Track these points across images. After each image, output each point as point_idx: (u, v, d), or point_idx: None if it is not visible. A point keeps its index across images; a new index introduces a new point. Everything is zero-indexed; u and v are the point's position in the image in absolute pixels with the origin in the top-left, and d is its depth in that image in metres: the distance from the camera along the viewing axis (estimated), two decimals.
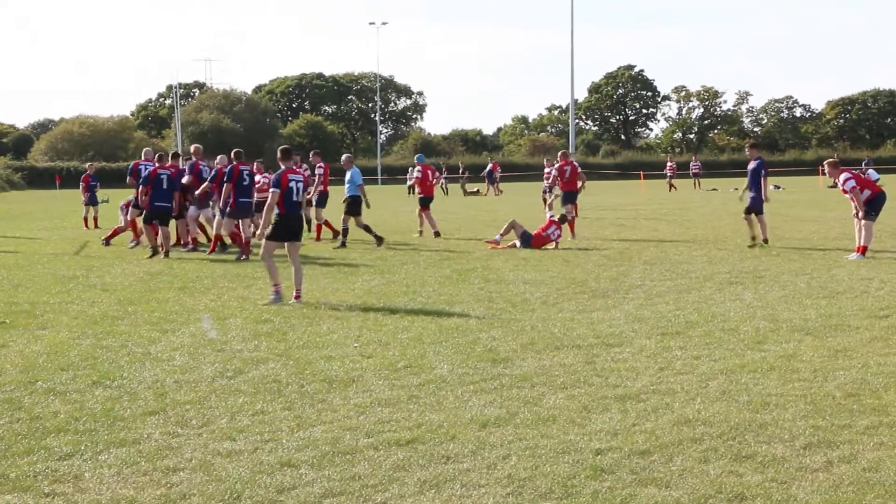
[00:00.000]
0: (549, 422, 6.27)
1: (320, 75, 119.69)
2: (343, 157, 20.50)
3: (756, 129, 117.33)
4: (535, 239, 18.10)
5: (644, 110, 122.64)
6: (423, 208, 21.80)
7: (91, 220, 26.18)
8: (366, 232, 19.20)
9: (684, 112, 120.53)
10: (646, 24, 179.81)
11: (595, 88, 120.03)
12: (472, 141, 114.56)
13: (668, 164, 53.84)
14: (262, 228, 11.97)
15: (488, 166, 52.92)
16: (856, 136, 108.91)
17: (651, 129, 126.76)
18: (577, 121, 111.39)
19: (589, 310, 10.73)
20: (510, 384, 7.30)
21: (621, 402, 6.73)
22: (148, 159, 19.23)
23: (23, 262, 16.84)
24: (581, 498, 4.94)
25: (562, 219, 19.09)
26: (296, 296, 11.59)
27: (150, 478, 5.36)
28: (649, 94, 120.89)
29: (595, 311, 10.65)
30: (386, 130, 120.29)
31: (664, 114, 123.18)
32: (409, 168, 48.46)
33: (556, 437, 5.95)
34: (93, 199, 26.39)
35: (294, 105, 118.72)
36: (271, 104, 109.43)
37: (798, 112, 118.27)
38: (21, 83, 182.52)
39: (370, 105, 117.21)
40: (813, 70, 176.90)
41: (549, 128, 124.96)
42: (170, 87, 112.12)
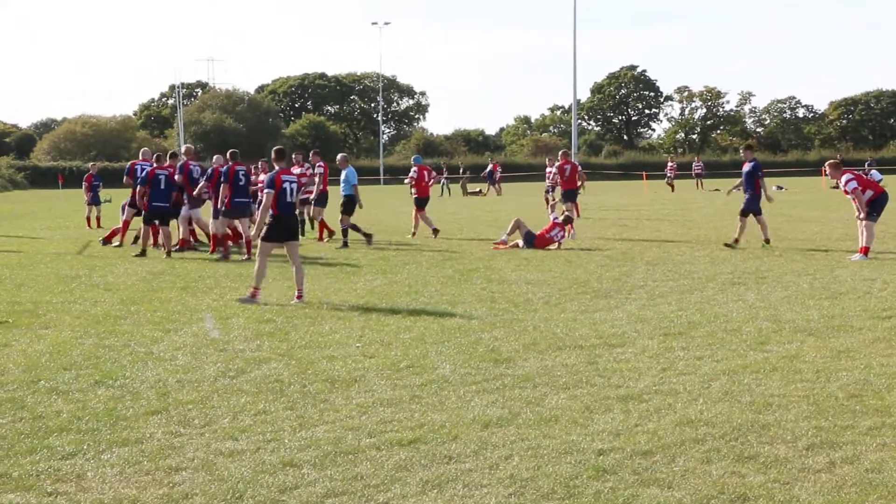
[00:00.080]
0: (552, 422, 6.27)
1: (323, 75, 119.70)
2: (338, 157, 20.40)
3: (759, 130, 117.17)
4: (538, 239, 18.12)
5: (647, 111, 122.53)
6: (418, 209, 21.74)
7: (94, 220, 26.22)
8: (353, 230, 19.12)
9: (687, 112, 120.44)
10: (648, 24, 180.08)
11: (598, 88, 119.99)
12: (475, 141, 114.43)
13: (668, 164, 53.82)
14: (256, 229, 11.98)
15: (489, 166, 52.94)
16: (859, 137, 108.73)
17: (654, 130, 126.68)
18: (580, 121, 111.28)
19: (591, 310, 10.73)
20: (512, 384, 7.30)
21: (624, 402, 6.72)
22: (145, 159, 19.24)
23: (25, 261, 16.86)
24: (583, 498, 4.94)
25: (566, 220, 19.11)
26: (297, 295, 11.59)
27: (152, 477, 5.36)
28: (652, 94, 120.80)
29: (597, 311, 10.65)
30: (388, 130, 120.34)
31: (667, 114, 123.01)
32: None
33: (559, 437, 5.94)
34: (95, 198, 26.46)
35: (297, 105, 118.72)
36: (274, 104, 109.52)
37: (801, 112, 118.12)
38: (24, 83, 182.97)
39: (373, 105, 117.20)
40: (815, 70, 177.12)
41: (551, 128, 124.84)
42: (172, 87, 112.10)
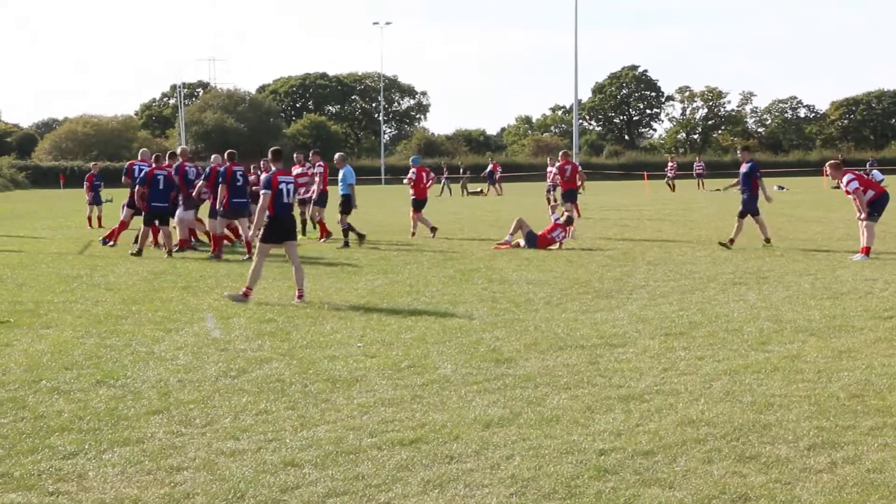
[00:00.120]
0: (553, 422, 6.27)
1: (324, 75, 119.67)
2: (336, 156, 20.29)
3: (760, 130, 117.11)
4: (539, 239, 18.12)
5: (648, 111, 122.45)
6: (415, 210, 21.68)
7: (95, 220, 26.23)
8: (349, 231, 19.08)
9: (688, 112, 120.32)
10: (649, 24, 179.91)
11: (599, 89, 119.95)
12: (476, 141, 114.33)
13: (668, 163, 53.78)
14: (253, 230, 11.98)
15: (489, 167, 52.92)
16: (860, 137, 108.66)
17: (655, 130, 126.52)
18: (581, 121, 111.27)
19: (592, 310, 10.72)
20: (514, 384, 7.30)
21: (625, 402, 6.72)
22: (144, 159, 19.25)
23: (27, 261, 16.87)
24: (584, 498, 4.94)
25: (568, 221, 19.11)
26: (298, 295, 11.59)
27: (153, 477, 5.36)
28: (653, 94, 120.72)
29: (598, 311, 10.65)
30: (389, 130, 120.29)
31: (668, 114, 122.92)
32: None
33: (560, 437, 5.94)
34: (97, 198, 26.47)
35: (298, 105, 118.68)
36: (275, 104, 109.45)
37: (802, 113, 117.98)
38: (25, 83, 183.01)
39: (374, 105, 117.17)
40: (816, 71, 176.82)
41: (552, 128, 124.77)
42: (173, 87, 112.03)
